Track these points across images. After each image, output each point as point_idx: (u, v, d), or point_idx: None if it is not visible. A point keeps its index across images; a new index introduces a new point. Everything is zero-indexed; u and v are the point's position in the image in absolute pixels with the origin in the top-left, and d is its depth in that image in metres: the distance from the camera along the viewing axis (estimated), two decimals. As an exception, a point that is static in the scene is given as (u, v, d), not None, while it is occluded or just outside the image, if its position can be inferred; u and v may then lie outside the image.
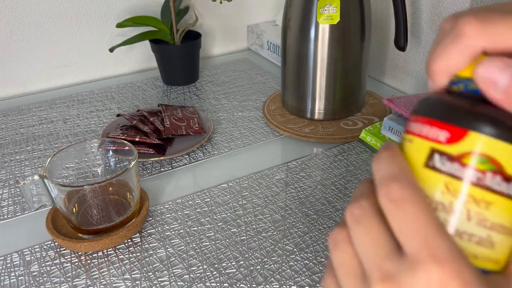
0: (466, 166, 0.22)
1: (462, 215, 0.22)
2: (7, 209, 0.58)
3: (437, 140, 0.22)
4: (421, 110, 0.24)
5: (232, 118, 0.79)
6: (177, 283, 0.48)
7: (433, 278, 0.19)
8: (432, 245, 0.20)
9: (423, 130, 0.23)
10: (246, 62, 1.03)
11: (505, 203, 0.22)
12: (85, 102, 0.85)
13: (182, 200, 0.59)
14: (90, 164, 0.57)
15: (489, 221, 0.22)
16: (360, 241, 0.22)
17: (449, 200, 0.22)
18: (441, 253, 0.19)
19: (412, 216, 0.21)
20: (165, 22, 0.89)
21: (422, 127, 0.23)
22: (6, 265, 0.50)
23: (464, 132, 0.22)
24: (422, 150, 0.23)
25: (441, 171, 0.22)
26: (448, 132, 0.22)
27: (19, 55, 0.88)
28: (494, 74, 0.20)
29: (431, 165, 0.23)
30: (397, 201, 0.21)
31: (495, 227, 0.22)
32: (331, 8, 0.66)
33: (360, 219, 0.22)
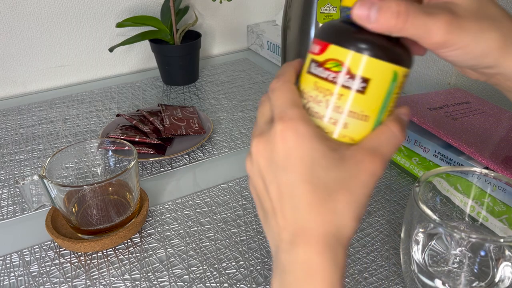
0: (326, 68, 0.30)
1: (323, 103, 0.30)
2: (6, 209, 0.58)
3: (313, 52, 0.31)
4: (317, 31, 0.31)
5: (232, 118, 0.79)
6: (177, 283, 0.47)
7: (277, 131, 0.29)
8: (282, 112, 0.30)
9: (310, 47, 0.32)
10: (246, 62, 1.02)
11: (353, 95, 0.30)
12: (85, 102, 0.85)
13: (182, 200, 0.59)
14: (89, 164, 0.57)
15: (341, 107, 0.30)
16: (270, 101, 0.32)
17: (315, 93, 0.31)
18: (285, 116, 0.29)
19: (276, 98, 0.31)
20: (165, 22, 0.89)
21: (311, 45, 0.32)
22: (5, 265, 0.50)
23: (326, 45, 0.30)
24: (308, 60, 0.32)
25: (312, 73, 0.31)
26: (319, 46, 0.31)
27: (18, 55, 0.88)
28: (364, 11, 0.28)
29: (308, 70, 0.32)
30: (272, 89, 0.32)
31: (347, 113, 0.30)
32: (332, 8, 0.66)
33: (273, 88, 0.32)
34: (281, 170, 0.29)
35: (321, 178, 0.28)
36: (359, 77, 0.29)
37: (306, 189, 0.28)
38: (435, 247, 0.41)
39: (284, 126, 0.29)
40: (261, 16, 1.10)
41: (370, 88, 0.30)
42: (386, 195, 0.59)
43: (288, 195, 0.29)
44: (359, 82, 0.29)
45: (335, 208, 0.28)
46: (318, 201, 0.28)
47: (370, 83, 0.30)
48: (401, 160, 0.63)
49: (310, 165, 0.28)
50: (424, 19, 0.28)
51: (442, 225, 0.35)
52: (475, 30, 0.29)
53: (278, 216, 0.29)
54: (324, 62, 0.30)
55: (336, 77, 0.30)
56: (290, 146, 0.28)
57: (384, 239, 0.53)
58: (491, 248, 0.38)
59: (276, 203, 0.29)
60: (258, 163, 0.30)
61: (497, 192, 0.43)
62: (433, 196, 0.44)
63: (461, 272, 0.40)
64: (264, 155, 0.30)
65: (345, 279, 0.48)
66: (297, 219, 0.28)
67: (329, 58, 0.30)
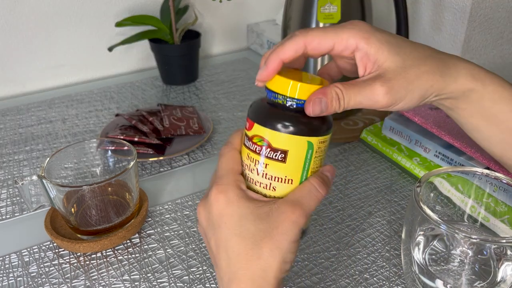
0: (253, 143, 0.36)
1: (255, 171, 0.37)
2: (5, 210, 0.58)
3: (245, 128, 0.37)
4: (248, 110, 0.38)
5: (232, 118, 0.78)
6: (176, 284, 0.47)
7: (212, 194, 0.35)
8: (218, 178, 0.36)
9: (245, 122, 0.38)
10: (246, 62, 1.02)
11: (276, 164, 0.36)
12: (84, 102, 0.85)
13: (182, 200, 0.59)
14: (89, 164, 0.57)
15: (268, 174, 0.36)
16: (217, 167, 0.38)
17: (249, 162, 0.37)
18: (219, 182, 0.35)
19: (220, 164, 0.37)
20: (165, 22, 0.89)
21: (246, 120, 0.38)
22: (4, 266, 0.50)
23: (252, 123, 0.36)
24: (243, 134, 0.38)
25: (245, 146, 0.37)
26: (248, 123, 0.37)
27: (18, 55, 0.87)
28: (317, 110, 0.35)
29: (243, 143, 0.38)
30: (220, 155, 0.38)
31: (273, 178, 0.36)
32: (332, 7, 0.66)
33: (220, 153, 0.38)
34: (216, 227, 0.34)
35: (250, 230, 0.33)
36: (278, 150, 0.35)
37: (236, 241, 0.33)
38: (436, 247, 0.41)
39: (217, 191, 0.35)
40: (261, 16, 1.10)
41: (289, 157, 0.35)
42: (387, 196, 0.59)
43: (222, 248, 0.34)
44: (279, 154, 0.35)
45: (261, 254, 0.33)
46: (245, 250, 0.33)
47: (288, 154, 0.35)
48: (402, 160, 0.63)
49: (238, 220, 0.33)
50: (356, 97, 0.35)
51: (443, 226, 0.35)
52: (406, 84, 0.36)
53: (218, 266, 0.34)
54: (252, 137, 0.36)
55: (260, 150, 0.36)
56: (222, 207, 0.34)
57: (384, 239, 0.52)
58: (493, 248, 0.38)
59: (215, 255, 0.35)
60: (201, 223, 0.36)
61: (498, 192, 0.43)
62: (434, 196, 0.44)
63: (462, 272, 0.39)
64: (204, 216, 0.35)
65: (346, 279, 0.47)
66: (230, 267, 0.33)
67: (255, 134, 0.36)
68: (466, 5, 0.71)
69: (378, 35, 0.36)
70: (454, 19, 0.74)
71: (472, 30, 0.73)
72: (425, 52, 0.37)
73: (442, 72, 0.37)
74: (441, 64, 0.37)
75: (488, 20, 0.74)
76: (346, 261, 0.50)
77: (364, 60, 0.36)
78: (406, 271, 0.41)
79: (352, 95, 0.35)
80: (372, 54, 0.36)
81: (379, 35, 0.36)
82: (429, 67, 0.36)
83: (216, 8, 1.03)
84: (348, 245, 0.52)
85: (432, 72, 0.36)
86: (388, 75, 0.35)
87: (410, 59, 0.36)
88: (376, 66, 0.36)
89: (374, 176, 0.63)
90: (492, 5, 0.73)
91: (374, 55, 0.35)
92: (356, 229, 0.54)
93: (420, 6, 0.79)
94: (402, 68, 0.36)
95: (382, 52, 0.35)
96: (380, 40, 0.36)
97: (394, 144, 0.65)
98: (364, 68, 0.36)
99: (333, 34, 0.36)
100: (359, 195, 0.59)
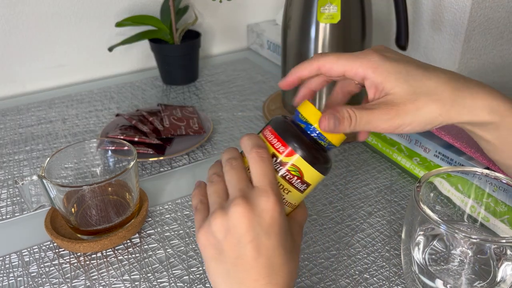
0: (287, 170, 0.38)
1: None
2: (5, 210, 0.58)
3: (278, 150, 0.38)
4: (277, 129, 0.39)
5: (232, 118, 0.78)
6: (176, 284, 0.47)
7: (271, 201, 0.35)
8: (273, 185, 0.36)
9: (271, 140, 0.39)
10: (246, 62, 1.02)
11: (296, 193, 0.39)
12: (84, 102, 0.85)
13: (182, 200, 0.59)
14: (89, 164, 0.57)
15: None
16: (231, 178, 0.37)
17: None
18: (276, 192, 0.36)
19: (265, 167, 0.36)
20: (165, 22, 0.89)
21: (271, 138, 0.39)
22: (4, 265, 0.50)
23: (293, 153, 0.37)
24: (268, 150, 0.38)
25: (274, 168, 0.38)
26: (286, 149, 0.37)
27: (18, 55, 0.87)
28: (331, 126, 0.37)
29: None
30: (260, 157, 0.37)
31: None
32: (332, 7, 0.66)
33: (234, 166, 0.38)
34: (265, 234, 0.35)
35: (289, 243, 0.36)
36: (305, 183, 0.38)
37: (281, 253, 0.35)
38: (436, 247, 0.41)
39: (277, 200, 0.35)
40: (261, 16, 1.10)
41: (308, 189, 0.39)
42: (387, 196, 0.59)
43: (266, 256, 0.35)
44: (304, 186, 0.38)
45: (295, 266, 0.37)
46: (287, 262, 0.36)
47: (309, 187, 0.39)
48: (402, 160, 0.63)
49: (284, 233, 0.36)
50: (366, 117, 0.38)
51: (443, 226, 0.35)
52: (413, 110, 0.37)
53: (253, 271, 0.35)
54: (286, 163, 0.37)
55: (291, 178, 0.38)
56: (277, 217, 0.35)
57: (384, 239, 0.52)
58: (492, 248, 0.38)
59: (252, 260, 0.35)
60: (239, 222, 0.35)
61: (498, 192, 0.43)
62: (434, 196, 0.44)
63: (462, 271, 0.39)
64: (249, 217, 0.35)
65: (346, 279, 0.47)
66: (271, 274, 0.35)
67: (292, 163, 0.37)
68: (466, 5, 0.71)
69: (387, 65, 0.38)
70: (454, 19, 0.74)
71: (472, 30, 0.73)
72: (439, 80, 0.38)
73: (454, 102, 0.37)
74: (455, 94, 0.37)
75: (488, 20, 0.74)
76: (346, 261, 0.50)
77: (372, 88, 0.39)
78: (406, 271, 0.41)
79: (364, 116, 0.38)
80: (379, 83, 0.38)
81: (388, 65, 0.38)
82: (440, 96, 0.37)
83: (216, 8, 1.03)
84: (348, 245, 0.52)
85: (442, 101, 0.37)
86: (396, 101, 0.37)
87: (421, 87, 0.37)
88: (384, 93, 0.38)
89: (374, 176, 0.63)
90: (492, 5, 0.73)
91: (380, 84, 0.38)
92: (356, 229, 0.54)
93: (420, 6, 0.79)
94: (411, 95, 0.37)
95: (389, 80, 0.38)
96: (388, 70, 0.38)
97: (394, 144, 0.65)
98: (373, 94, 0.39)
99: (344, 61, 0.39)
100: (359, 195, 0.59)
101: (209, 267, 0.37)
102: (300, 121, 0.39)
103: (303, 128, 0.39)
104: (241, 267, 0.35)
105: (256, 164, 0.37)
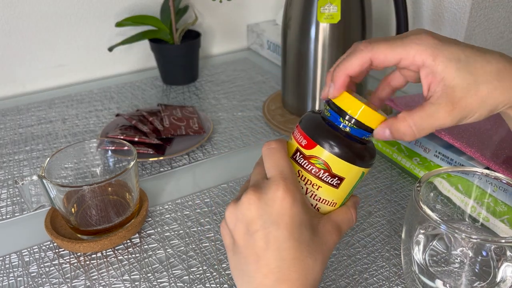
0: (310, 163, 0.36)
1: (303, 190, 0.37)
2: (5, 210, 0.58)
3: (299, 143, 0.37)
4: (301, 123, 0.38)
5: (232, 118, 0.78)
6: (176, 284, 0.47)
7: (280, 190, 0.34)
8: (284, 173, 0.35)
9: (295, 134, 0.37)
10: (246, 62, 1.02)
11: (328, 188, 0.36)
12: (84, 102, 0.85)
13: (182, 200, 0.59)
14: (89, 164, 0.57)
15: (317, 196, 0.37)
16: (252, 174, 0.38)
17: (298, 180, 0.36)
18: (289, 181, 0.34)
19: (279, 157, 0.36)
20: (165, 21, 0.89)
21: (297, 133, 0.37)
22: (4, 266, 0.50)
23: (314, 144, 0.36)
24: (293, 146, 0.37)
25: (297, 162, 0.37)
26: (306, 141, 0.36)
27: (18, 55, 0.87)
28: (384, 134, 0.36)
29: (292, 157, 0.37)
30: (268, 150, 0.36)
31: (321, 200, 0.37)
32: (332, 7, 0.66)
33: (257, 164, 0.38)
34: (274, 224, 0.33)
35: (307, 238, 0.34)
36: (336, 176, 0.36)
37: (293, 245, 0.33)
38: (436, 247, 0.41)
39: (287, 188, 0.34)
40: (261, 16, 1.10)
41: (342, 184, 0.36)
42: (387, 195, 0.59)
43: (275, 246, 0.33)
44: (335, 180, 0.36)
45: (313, 265, 0.34)
46: (301, 256, 0.33)
47: (343, 181, 0.36)
48: (402, 160, 0.63)
49: (299, 225, 0.34)
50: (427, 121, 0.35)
51: (443, 226, 0.35)
52: (478, 101, 0.34)
53: (262, 263, 0.33)
54: (309, 157, 0.36)
55: (317, 172, 0.36)
56: (287, 206, 0.33)
57: (384, 239, 0.52)
58: (492, 248, 0.38)
59: (261, 251, 0.33)
60: (249, 210, 0.34)
61: (498, 192, 0.43)
62: (434, 196, 0.44)
63: (462, 272, 0.39)
64: (257, 206, 0.34)
65: (346, 279, 0.47)
66: (282, 269, 0.33)
67: (314, 155, 0.36)
68: (466, 5, 0.71)
69: (446, 52, 0.34)
70: (454, 19, 0.74)
71: (472, 30, 0.73)
72: (498, 65, 0.35)
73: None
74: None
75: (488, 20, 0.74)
76: (346, 261, 0.50)
77: (429, 78, 0.35)
78: (406, 271, 0.41)
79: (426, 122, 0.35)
80: (439, 73, 0.34)
81: (447, 52, 0.35)
82: (502, 83, 0.34)
83: (216, 8, 1.03)
84: (348, 245, 0.52)
85: (506, 88, 0.35)
86: (458, 94, 0.34)
87: (482, 74, 0.34)
88: (442, 85, 0.35)
89: (374, 176, 0.63)
90: (492, 5, 0.73)
91: (440, 73, 0.34)
92: (356, 229, 0.54)
93: (420, 6, 0.79)
94: (473, 85, 0.34)
95: (450, 70, 0.34)
96: (448, 58, 0.34)
97: (394, 144, 0.65)
98: (428, 86, 0.35)
99: (400, 49, 0.35)
100: (359, 195, 0.59)
101: (228, 259, 0.37)
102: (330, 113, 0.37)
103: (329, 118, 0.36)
104: (251, 258, 0.34)
105: (266, 157, 0.36)
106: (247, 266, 0.34)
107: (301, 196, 0.35)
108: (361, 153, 0.36)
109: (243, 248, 0.34)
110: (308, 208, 0.35)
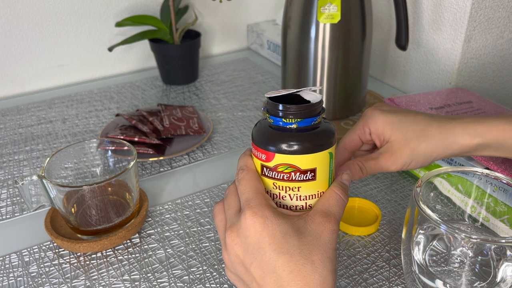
0: (278, 172, 0.37)
1: (285, 198, 0.37)
2: (5, 210, 0.58)
3: (261, 159, 0.37)
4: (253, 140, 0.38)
5: (232, 118, 0.78)
6: (176, 284, 0.47)
7: (247, 217, 0.34)
8: (249, 200, 0.36)
9: (255, 153, 0.38)
10: (246, 62, 1.02)
11: (308, 184, 0.37)
12: (84, 102, 0.85)
13: (182, 200, 0.59)
14: (89, 164, 0.57)
15: (302, 195, 0.37)
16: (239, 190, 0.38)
17: (277, 192, 0.38)
18: (252, 203, 0.35)
19: (243, 187, 0.37)
20: (165, 21, 0.89)
21: (254, 151, 0.38)
22: (4, 266, 0.50)
23: (273, 154, 0.36)
24: (258, 165, 0.38)
25: (268, 176, 0.37)
26: (265, 155, 0.37)
27: (18, 55, 0.87)
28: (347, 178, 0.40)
29: (263, 174, 0.38)
30: (239, 180, 0.38)
31: (307, 197, 0.37)
32: (332, 7, 0.66)
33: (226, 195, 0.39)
34: (258, 251, 0.34)
35: (295, 245, 0.33)
36: (308, 171, 0.36)
37: (285, 259, 0.33)
38: (436, 247, 0.41)
39: (253, 212, 0.34)
40: (261, 15, 1.10)
41: (318, 174, 0.37)
42: (387, 196, 0.59)
43: (269, 271, 0.33)
44: (309, 174, 0.36)
45: (314, 268, 0.33)
46: (297, 266, 0.33)
47: (317, 171, 0.37)
48: (402, 160, 0.63)
49: (282, 238, 0.34)
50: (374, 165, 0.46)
51: (443, 226, 0.35)
52: (410, 153, 0.45)
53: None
54: (275, 168, 0.37)
55: (289, 176, 0.36)
56: (261, 228, 0.34)
57: (384, 239, 0.52)
58: (493, 248, 0.38)
59: (260, 280, 0.34)
60: (235, 251, 0.35)
61: (498, 192, 0.43)
62: (434, 196, 0.44)
63: (462, 272, 0.39)
64: (239, 243, 0.35)
65: (346, 280, 0.47)
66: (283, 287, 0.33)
67: (278, 164, 0.36)
68: (466, 5, 0.71)
69: (382, 118, 0.46)
70: (454, 19, 0.74)
71: (472, 30, 0.73)
72: (422, 124, 0.45)
73: (440, 139, 0.44)
74: (439, 132, 0.44)
75: (488, 20, 0.74)
76: (346, 261, 0.50)
77: (377, 138, 0.47)
78: (406, 271, 0.41)
79: (372, 165, 0.46)
80: (380, 134, 0.46)
81: (383, 118, 0.46)
82: (427, 137, 0.44)
83: (216, 8, 1.03)
84: (348, 245, 0.52)
85: (430, 141, 0.44)
86: (394, 147, 0.45)
87: (411, 132, 0.45)
88: (385, 141, 0.46)
89: (374, 176, 0.63)
90: (492, 5, 0.73)
91: (381, 134, 0.46)
92: (356, 229, 0.54)
93: (420, 6, 0.79)
94: (404, 140, 0.45)
95: (386, 131, 0.46)
96: (383, 122, 0.46)
97: (394, 144, 0.65)
98: (379, 143, 0.47)
99: (353, 130, 0.49)
100: (359, 195, 0.59)
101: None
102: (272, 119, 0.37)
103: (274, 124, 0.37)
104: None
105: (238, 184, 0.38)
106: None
107: (272, 210, 0.35)
108: (318, 139, 0.36)
109: (249, 283, 0.35)
110: (285, 216, 0.35)
